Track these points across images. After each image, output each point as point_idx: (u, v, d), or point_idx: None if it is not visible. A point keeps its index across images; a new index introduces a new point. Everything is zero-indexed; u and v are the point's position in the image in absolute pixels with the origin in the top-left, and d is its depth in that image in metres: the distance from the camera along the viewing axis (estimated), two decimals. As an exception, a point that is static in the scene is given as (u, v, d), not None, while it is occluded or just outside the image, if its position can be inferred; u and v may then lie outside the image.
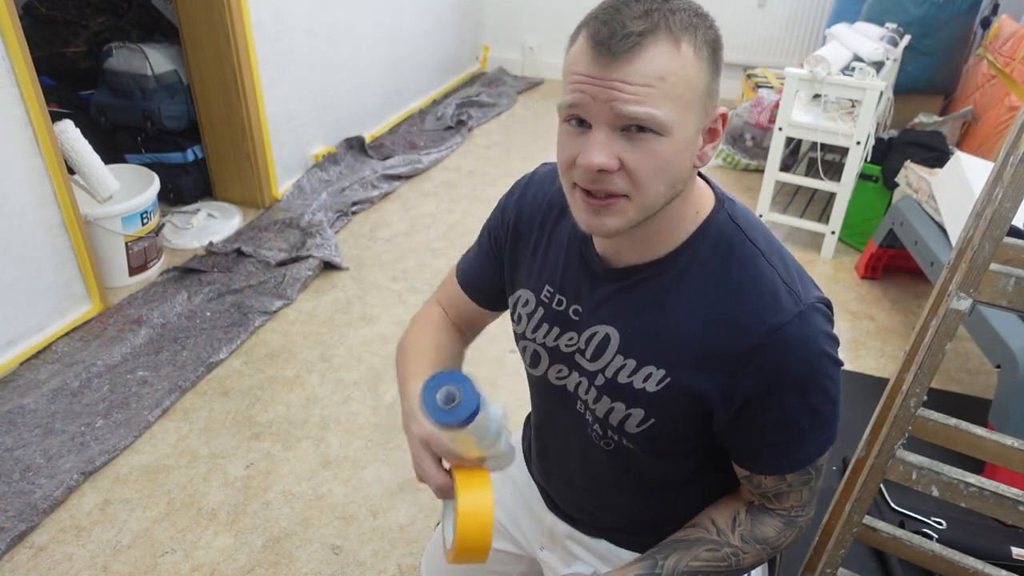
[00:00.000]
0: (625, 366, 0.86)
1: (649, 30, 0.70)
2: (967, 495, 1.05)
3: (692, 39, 0.71)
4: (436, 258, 2.84)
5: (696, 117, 0.74)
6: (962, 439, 1.07)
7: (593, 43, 0.71)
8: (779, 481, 0.87)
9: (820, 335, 0.79)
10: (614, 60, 0.70)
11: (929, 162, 2.63)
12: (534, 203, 0.98)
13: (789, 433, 0.83)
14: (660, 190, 0.75)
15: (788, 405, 0.81)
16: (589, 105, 0.72)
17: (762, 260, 0.81)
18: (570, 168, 0.76)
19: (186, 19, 2.82)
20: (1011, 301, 0.95)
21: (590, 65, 0.71)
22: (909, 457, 1.09)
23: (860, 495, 1.14)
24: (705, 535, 0.90)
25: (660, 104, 0.70)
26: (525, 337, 0.97)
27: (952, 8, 3.15)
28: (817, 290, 0.83)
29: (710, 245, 0.82)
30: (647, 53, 0.70)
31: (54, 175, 2.17)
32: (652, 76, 0.70)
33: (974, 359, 2.36)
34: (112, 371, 2.15)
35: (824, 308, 0.82)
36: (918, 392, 1.04)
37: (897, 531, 1.20)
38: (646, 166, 0.73)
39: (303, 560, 1.63)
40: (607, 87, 0.70)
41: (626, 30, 0.69)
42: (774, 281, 0.80)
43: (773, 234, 0.87)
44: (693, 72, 0.72)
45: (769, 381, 0.79)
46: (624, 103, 0.70)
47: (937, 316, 1.01)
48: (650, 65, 0.70)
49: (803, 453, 0.85)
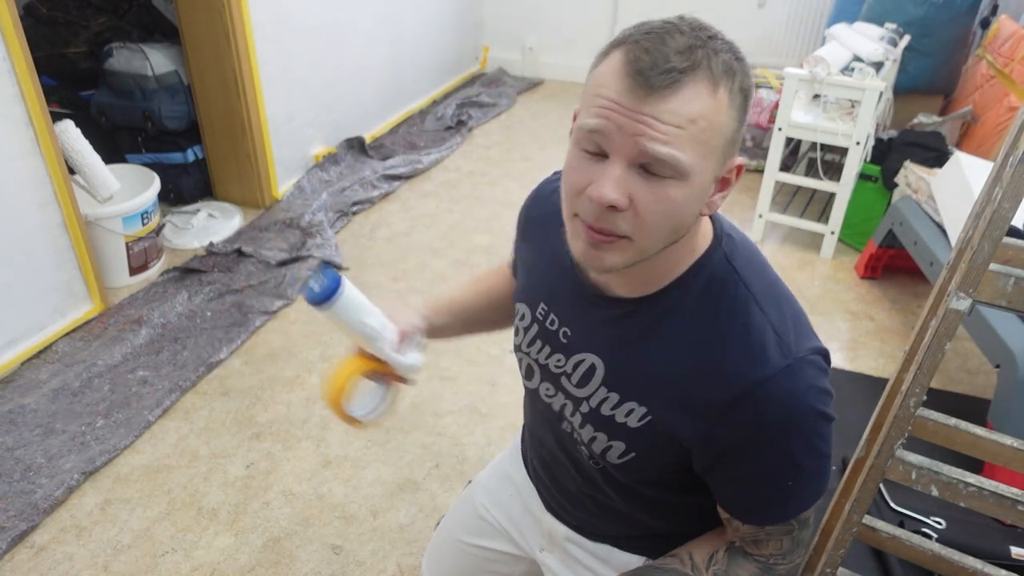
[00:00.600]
0: (608, 399, 0.85)
1: (691, 68, 0.66)
2: (966, 495, 1.05)
3: (729, 84, 0.68)
4: (436, 258, 2.84)
5: (715, 165, 0.71)
6: (961, 439, 1.07)
7: (631, 70, 0.66)
8: (756, 530, 0.85)
9: (809, 391, 0.75)
10: (651, 94, 0.66)
11: (929, 162, 2.63)
12: (536, 219, 0.99)
13: (769, 488, 0.80)
14: (663, 235, 0.72)
15: (768, 460, 0.78)
16: (613, 135, 0.68)
17: (754, 307, 0.78)
18: (577, 196, 0.72)
19: (186, 19, 2.82)
20: (1011, 301, 0.95)
21: (623, 93, 0.67)
22: (909, 457, 1.09)
23: (859, 495, 1.14)
24: (679, 568, 0.89)
25: (686, 148, 0.67)
26: (520, 349, 0.98)
27: (951, 8, 3.15)
28: (814, 339, 0.80)
29: (702, 285, 0.79)
30: (685, 92, 0.66)
31: (54, 175, 2.18)
32: (685, 118, 0.66)
33: (974, 359, 2.36)
34: (112, 371, 2.15)
35: (818, 360, 0.78)
36: (918, 392, 1.04)
37: (897, 531, 1.20)
38: (656, 210, 0.69)
39: (303, 560, 1.63)
40: (637, 120, 0.66)
41: (669, 64, 0.65)
42: (763, 331, 0.76)
43: (774, 274, 0.84)
44: (724, 119, 0.69)
45: (746, 436, 0.76)
46: (651, 140, 0.66)
47: (937, 316, 1.01)
48: (686, 106, 0.66)
49: (783, 508, 0.82)
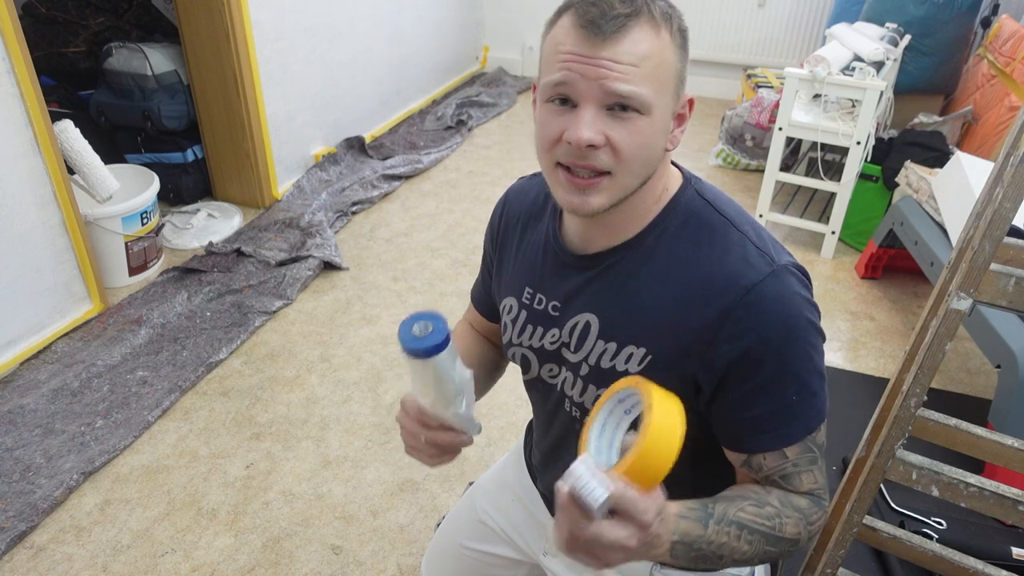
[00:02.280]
0: (607, 350, 0.86)
1: (635, 13, 0.74)
2: (967, 495, 1.05)
3: (669, 26, 0.76)
4: (436, 258, 2.84)
5: (671, 100, 0.78)
6: (962, 439, 1.07)
7: (583, 22, 0.73)
8: (781, 460, 0.83)
9: (796, 296, 0.79)
10: (604, 40, 0.72)
11: (929, 162, 2.63)
12: (513, 213, 1.02)
13: (775, 403, 0.81)
14: (640, 168, 0.78)
15: (769, 370, 0.79)
16: (577, 83, 0.74)
17: (732, 229, 0.82)
18: (554, 146, 0.78)
19: (186, 19, 2.81)
20: (1011, 301, 0.95)
21: (579, 44, 0.74)
22: (909, 457, 1.09)
23: (860, 495, 1.14)
24: (748, 492, 0.85)
25: (644, 83, 0.74)
26: (512, 344, 0.98)
27: (952, 8, 3.15)
28: (791, 257, 0.83)
29: (679, 221, 0.84)
30: (633, 34, 0.73)
31: (54, 175, 2.17)
32: (637, 56, 0.73)
33: (974, 359, 2.36)
34: (112, 371, 2.15)
35: (799, 273, 0.81)
36: (918, 392, 1.03)
37: (897, 531, 1.20)
38: (630, 143, 0.75)
39: (303, 560, 1.63)
40: (597, 65, 0.73)
41: (615, 11, 0.73)
42: (744, 246, 0.81)
43: (743, 208, 0.88)
44: (670, 56, 0.76)
45: (746, 345, 0.78)
46: (613, 81, 0.73)
47: (937, 316, 1.01)
48: (636, 46, 0.73)
49: (790, 426, 0.82)
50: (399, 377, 2.19)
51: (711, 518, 0.81)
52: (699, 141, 3.95)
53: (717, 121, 4.10)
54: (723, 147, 3.66)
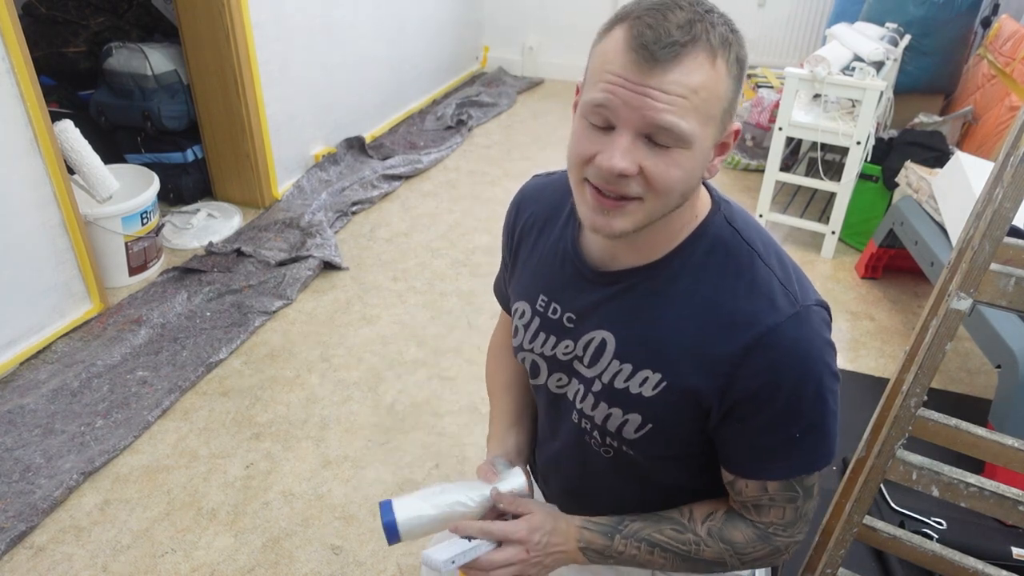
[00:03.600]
0: (621, 371, 0.85)
1: (692, 41, 0.69)
2: (967, 495, 1.05)
3: (726, 55, 0.71)
4: (436, 258, 2.84)
5: (715, 132, 0.74)
6: (962, 439, 1.07)
7: (636, 45, 0.69)
8: (760, 491, 0.85)
9: (817, 339, 0.78)
10: (654, 67, 0.69)
11: (929, 162, 2.63)
12: (528, 215, 1.00)
13: (777, 438, 0.81)
14: (672, 199, 0.75)
15: (778, 407, 0.79)
16: (619, 108, 0.71)
17: (759, 261, 0.81)
18: (585, 164, 0.75)
19: (186, 19, 2.81)
20: (1011, 301, 0.95)
21: (627, 67, 0.70)
22: (909, 457, 1.09)
23: (860, 495, 1.14)
24: (677, 517, 0.91)
25: (688, 116, 0.70)
26: (523, 348, 0.98)
27: (952, 8, 3.15)
28: (816, 294, 0.82)
29: (705, 248, 0.82)
30: (686, 64, 0.69)
31: (54, 175, 2.17)
32: (688, 88, 0.69)
33: (974, 359, 2.36)
34: (112, 371, 2.15)
35: (823, 312, 0.81)
36: (918, 392, 1.03)
37: (897, 531, 1.20)
38: (666, 176, 0.73)
39: (303, 560, 1.63)
40: (642, 93, 0.69)
41: (671, 38, 0.69)
42: (770, 282, 0.79)
43: (771, 235, 0.87)
44: (723, 88, 0.72)
45: (763, 382, 0.78)
46: (656, 112, 0.69)
47: (937, 316, 1.01)
48: (688, 76, 0.69)
49: (789, 464, 0.83)
50: (399, 377, 2.19)
51: (619, 532, 0.89)
52: (699, 141, 3.95)
53: (717, 121, 4.10)
54: (723, 147, 3.66)
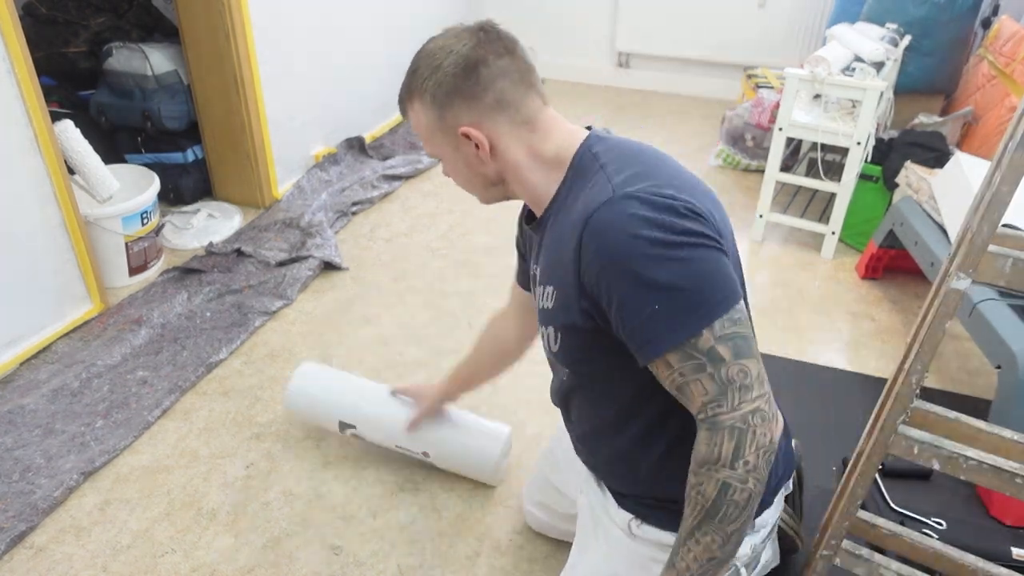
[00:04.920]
0: (544, 293, 1.05)
1: (406, 96, 1.09)
2: (967, 468, 1.07)
3: (421, 95, 1.05)
4: (436, 258, 2.84)
5: (443, 142, 1.07)
6: (961, 432, 1.09)
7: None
8: (667, 370, 0.89)
9: (630, 219, 0.88)
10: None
11: (929, 162, 2.63)
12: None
13: (642, 314, 0.88)
14: (477, 181, 1.10)
15: (623, 286, 0.89)
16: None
17: (600, 174, 0.96)
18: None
19: (186, 19, 2.82)
20: (1009, 281, 0.99)
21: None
22: (911, 432, 1.10)
23: (863, 469, 1.16)
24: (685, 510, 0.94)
25: (427, 145, 1.09)
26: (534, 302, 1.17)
27: (953, 9, 3.15)
28: (660, 186, 0.91)
29: (570, 178, 1.03)
30: (408, 113, 1.09)
31: (54, 175, 2.17)
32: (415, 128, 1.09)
33: (974, 359, 2.36)
34: (112, 371, 2.15)
35: (648, 195, 0.90)
36: (919, 369, 1.07)
37: (897, 528, 1.20)
38: (453, 176, 1.12)
39: (303, 560, 1.63)
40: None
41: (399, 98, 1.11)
42: (600, 184, 0.95)
43: (645, 150, 1.02)
44: (423, 118, 1.06)
45: (595, 271, 0.91)
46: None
47: (938, 296, 1.04)
48: (412, 122, 1.09)
49: (667, 331, 0.88)
50: (399, 377, 2.19)
51: (675, 555, 0.91)
52: (699, 141, 3.95)
53: (717, 121, 4.10)
54: (723, 147, 3.66)
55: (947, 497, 1.74)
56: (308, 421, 1.95)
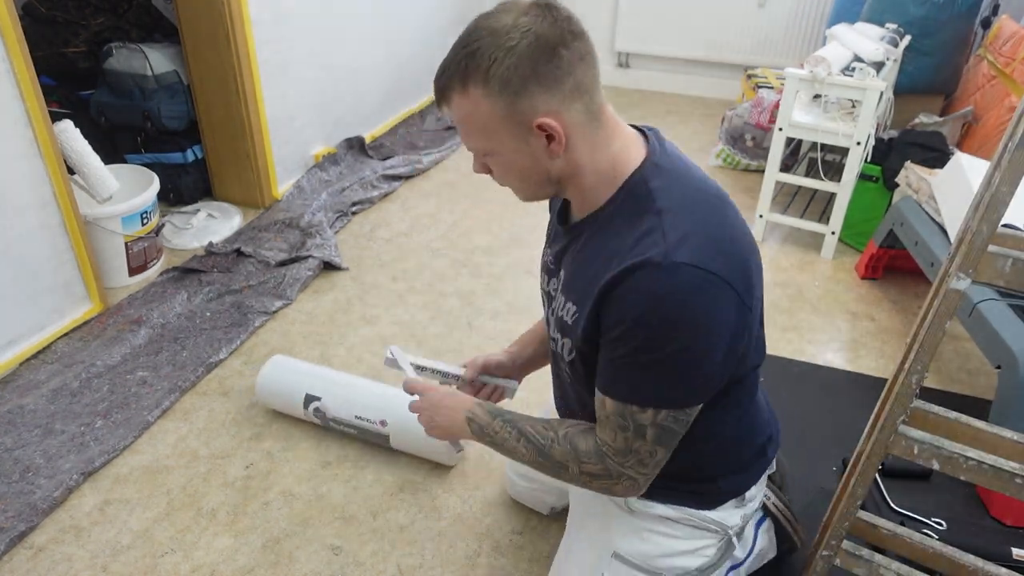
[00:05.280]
0: (565, 303, 1.06)
1: (446, 83, 1.01)
2: (967, 468, 1.07)
3: (478, 79, 0.94)
4: (436, 258, 2.84)
5: (508, 137, 0.96)
6: (961, 432, 1.09)
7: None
8: (601, 404, 1.00)
9: (666, 296, 0.89)
10: (440, 106, 1.05)
11: (929, 162, 2.63)
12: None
13: (624, 358, 0.94)
14: (518, 184, 1.03)
15: (630, 334, 0.92)
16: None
17: (655, 219, 0.93)
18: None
19: (186, 19, 2.82)
20: (1008, 281, 0.99)
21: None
22: (911, 432, 1.11)
23: (863, 470, 1.15)
24: (549, 421, 1.12)
25: (470, 138, 1.01)
26: (542, 288, 1.21)
27: (952, 8, 3.15)
28: (711, 261, 0.90)
29: (620, 203, 0.98)
30: (451, 101, 1.00)
31: (54, 175, 2.17)
32: (456, 119, 1.01)
33: (974, 359, 2.36)
34: (112, 371, 2.15)
35: (691, 272, 0.88)
36: (919, 369, 1.06)
37: (897, 528, 1.20)
38: (498, 172, 1.03)
39: (303, 560, 1.63)
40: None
41: (437, 84, 1.03)
42: (653, 231, 0.92)
43: (701, 191, 0.99)
44: (485, 107, 0.95)
45: (618, 315, 0.93)
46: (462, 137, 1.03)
47: (938, 296, 1.04)
48: (453, 112, 1.00)
49: (624, 386, 0.96)
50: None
51: (500, 417, 1.14)
52: (699, 141, 3.95)
53: (717, 121, 4.10)
54: (723, 147, 3.66)
55: (947, 497, 1.74)
56: (277, 405, 2.00)
